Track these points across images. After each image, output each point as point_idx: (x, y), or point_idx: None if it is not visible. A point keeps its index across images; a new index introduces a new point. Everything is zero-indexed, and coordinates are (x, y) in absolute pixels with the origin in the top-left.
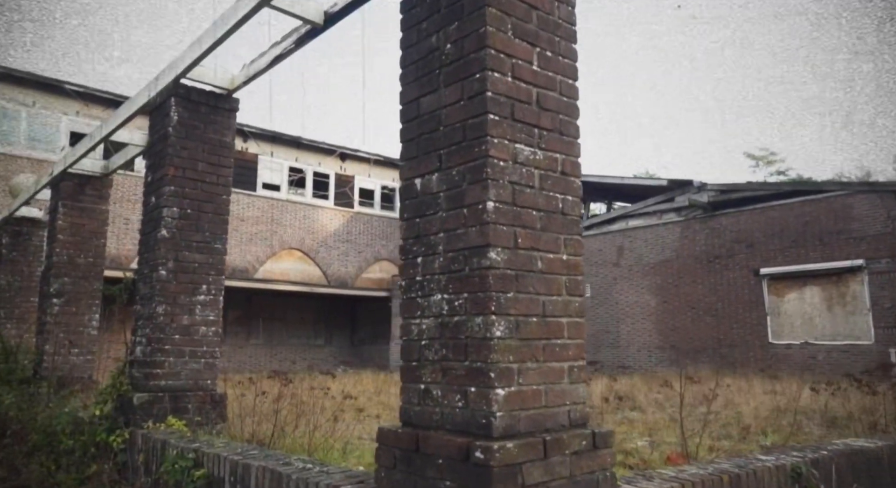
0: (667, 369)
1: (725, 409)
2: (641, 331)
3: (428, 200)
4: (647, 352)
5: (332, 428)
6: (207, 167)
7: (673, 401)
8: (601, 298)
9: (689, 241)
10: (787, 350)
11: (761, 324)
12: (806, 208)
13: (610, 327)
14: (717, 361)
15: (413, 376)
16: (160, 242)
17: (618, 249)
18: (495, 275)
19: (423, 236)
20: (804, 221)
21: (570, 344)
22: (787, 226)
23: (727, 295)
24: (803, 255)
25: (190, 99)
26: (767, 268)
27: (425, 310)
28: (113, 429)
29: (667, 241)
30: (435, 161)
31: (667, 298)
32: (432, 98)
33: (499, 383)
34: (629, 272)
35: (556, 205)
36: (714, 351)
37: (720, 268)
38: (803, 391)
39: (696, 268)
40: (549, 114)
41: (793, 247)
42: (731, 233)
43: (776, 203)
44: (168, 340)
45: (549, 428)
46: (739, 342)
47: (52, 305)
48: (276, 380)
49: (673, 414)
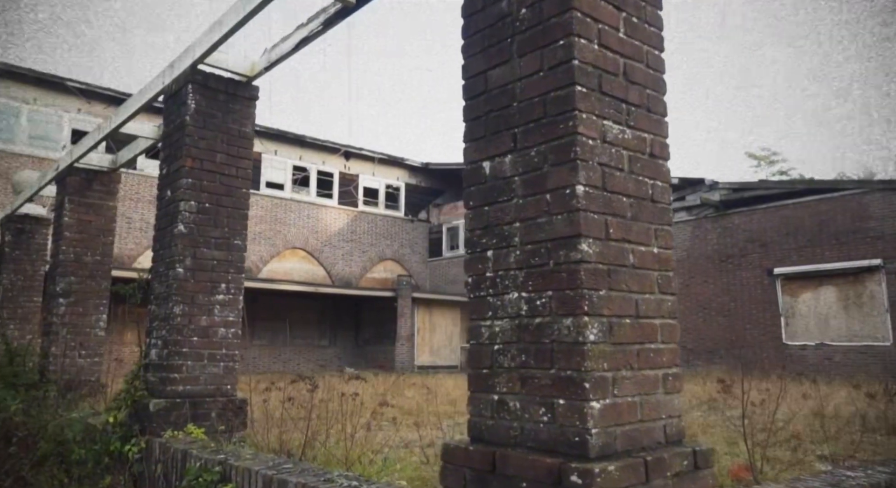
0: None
1: (761, 414)
2: None
3: (499, 185)
4: None
5: (365, 435)
6: (226, 159)
7: (710, 404)
8: None
9: (701, 241)
10: (801, 351)
11: (775, 324)
12: (821, 207)
13: None
14: (729, 362)
15: (484, 385)
16: (177, 238)
17: None
18: (587, 271)
19: (493, 226)
20: (819, 220)
21: (664, 348)
22: (801, 225)
23: (740, 295)
24: (818, 255)
25: (208, 86)
26: (781, 267)
27: (498, 311)
28: (128, 438)
29: (677, 241)
30: (508, 141)
31: (678, 298)
32: (503, 70)
33: (594, 395)
34: None
35: (646, 191)
36: (727, 351)
37: (733, 268)
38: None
39: (708, 267)
40: (636, 87)
41: (808, 246)
42: (744, 232)
43: (790, 202)
44: (186, 342)
45: (646, 446)
46: (753, 343)
47: (58, 305)
48: (298, 384)
49: (707, 418)
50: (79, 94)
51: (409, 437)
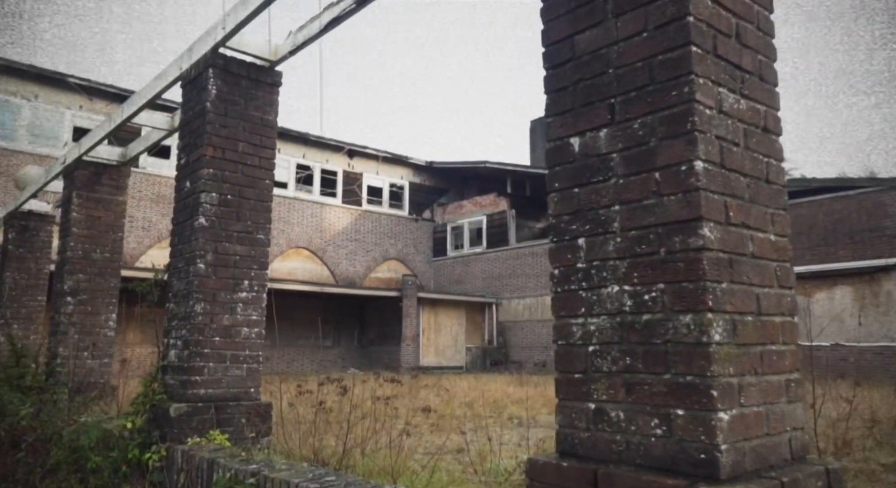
0: None
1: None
2: None
3: (593, 164)
4: None
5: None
6: (248, 148)
7: None
8: None
9: None
10: (815, 352)
11: None
12: (836, 205)
13: None
14: None
15: (577, 392)
16: (198, 232)
17: None
18: (710, 260)
19: (585, 211)
20: (834, 219)
21: (785, 351)
22: (815, 224)
23: None
24: (833, 254)
25: (229, 71)
26: (794, 267)
27: (593, 307)
28: (146, 445)
29: None
30: (603, 113)
31: None
32: (595, 33)
33: (722, 404)
34: None
35: (762, 169)
36: None
37: None
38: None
39: None
40: (749, 52)
41: (822, 245)
42: None
43: (804, 200)
44: (207, 343)
45: (774, 463)
46: None
47: (66, 304)
48: (326, 387)
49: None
50: (80, 91)
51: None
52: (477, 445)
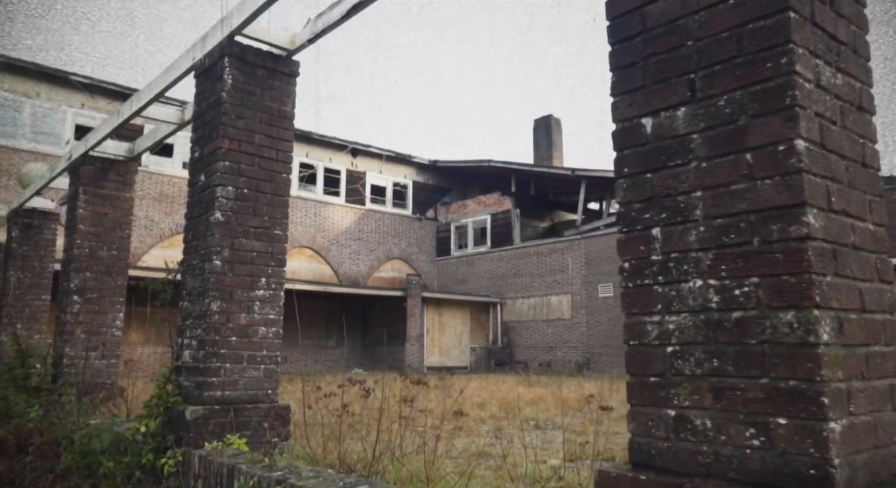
0: None
1: None
2: None
3: (669, 146)
4: None
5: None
6: (265, 140)
7: None
8: None
9: None
10: None
11: None
12: None
13: None
14: None
15: (653, 397)
16: (213, 227)
17: None
18: (815, 250)
19: (660, 197)
20: None
21: (888, 352)
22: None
23: None
24: None
25: (245, 60)
26: None
27: (672, 303)
28: (161, 449)
29: None
30: (681, 89)
31: None
32: (669, 3)
33: (833, 413)
34: None
35: (859, 151)
36: None
37: None
38: None
39: None
40: (843, 21)
41: None
42: None
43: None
44: (224, 343)
45: (885, 479)
46: None
47: (72, 303)
48: (348, 388)
49: None
50: (83, 89)
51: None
52: (500, 448)
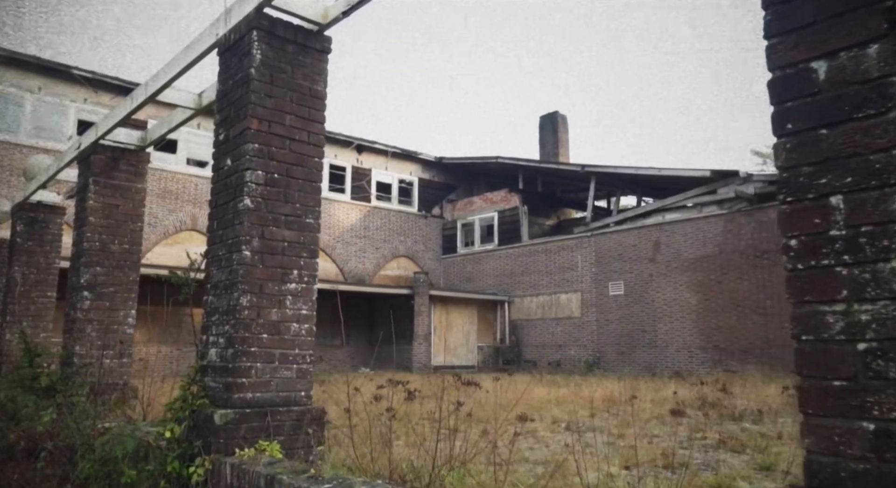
0: (710, 370)
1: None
2: (680, 330)
3: (854, 94)
4: (687, 352)
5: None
6: (296, 121)
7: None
8: (636, 296)
9: (734, 236)
10: None
11: None
12: None
13: (646, 326)
14: (765, 362)
15: (839, 406)
16: (242, 215)
17: (654, 244)
18: None
19: (840, 159)
20: None
21: None
22: None
23: (778, 292)
24: None
25: (275, 34)
26: None
27: (864, 289)
28: (188, 456)
29: (708, 236)
30: (869, 22)
31: (708, 296)
32: None
33: None
34: (666, 268)
35: None
36: (762, 351)
37: (769, 264)
38: None
39: (742, 263)
40: None
41: None
42: None
43: None
44: (254, 340)
45: None
46: (791, 342)
47: (82, 299)
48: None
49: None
50: (85, 84)
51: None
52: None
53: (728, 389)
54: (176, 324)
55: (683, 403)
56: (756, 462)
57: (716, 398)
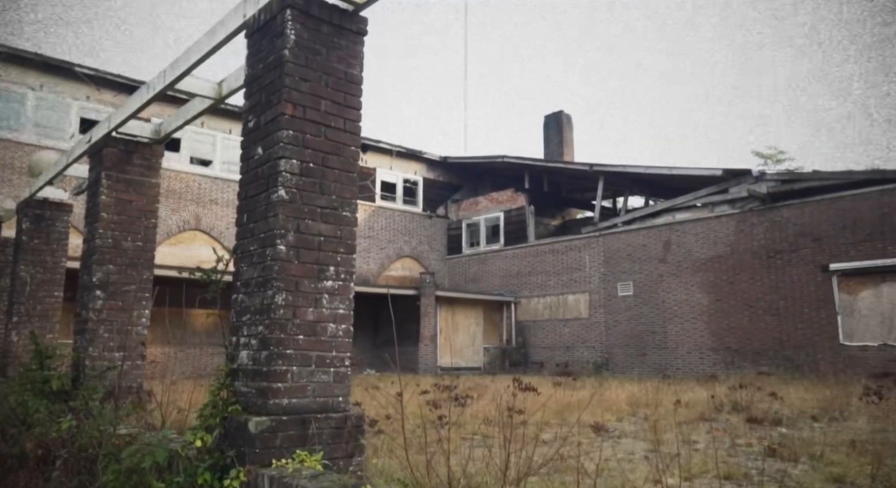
0: (722, 372)
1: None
2: (692, 331)
3: None
4: (698, 353)
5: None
6: (332, 107)
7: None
8: (646, 296)
9: (746, 236)
10: (862, 352)
11: (831, 323)
12: (884, 198)
13: (656, 327)
14: (779, 364)
15: None
16: (276, 207)
17: (664, 244)
18: None
19: None
20: (881, 213)
21: None
22: (860, 218)
23: (790, 292)
24: (880, 250)
25: (310, 14)
26: (838, 263)
27: None
28: (220, 467)
29: (720, 236)
30: None
31: (720, 296)
32: None
33: None
34: (677, 268)
35: None
36: (776, 352)
37: (782, 264)
38: None
39: (754, 263)
40: None
41: (868, 240)
42: (795, 225)
43: (847, 193)
44: (290, 342)
45: None
46: (805, 343)
47: (94, 299)
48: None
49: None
50: (88, 81)
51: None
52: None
53: (765, 391)
54: (178, 325)
55: (717, 407)
56: (822, 472)
57: (748, 401)
